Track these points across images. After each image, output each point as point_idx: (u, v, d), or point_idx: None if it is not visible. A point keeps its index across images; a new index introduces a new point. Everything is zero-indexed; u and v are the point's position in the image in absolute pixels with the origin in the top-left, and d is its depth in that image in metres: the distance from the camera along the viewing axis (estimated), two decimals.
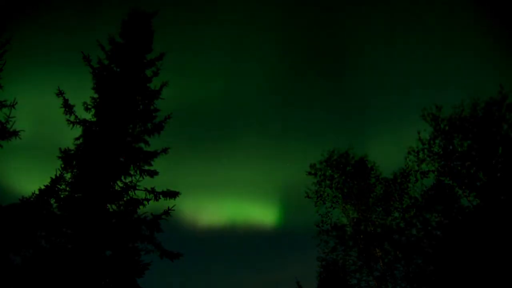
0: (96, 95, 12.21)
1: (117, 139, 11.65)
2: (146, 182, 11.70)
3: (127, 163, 11.61)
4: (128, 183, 11.43)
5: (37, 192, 8.90)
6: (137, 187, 11.40)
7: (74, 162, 10.88)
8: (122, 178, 11.45)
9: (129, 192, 11.31)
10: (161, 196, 11.47)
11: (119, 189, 11.26)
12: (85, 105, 12.01)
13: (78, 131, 11.63)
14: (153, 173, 11.87)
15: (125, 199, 11.22)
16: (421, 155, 16.44)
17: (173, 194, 11.53)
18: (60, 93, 11.29)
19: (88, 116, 11.92)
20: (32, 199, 8.71)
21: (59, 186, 9.59)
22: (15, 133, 8.89)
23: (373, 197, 19.18)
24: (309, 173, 19.98)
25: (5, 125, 8.73)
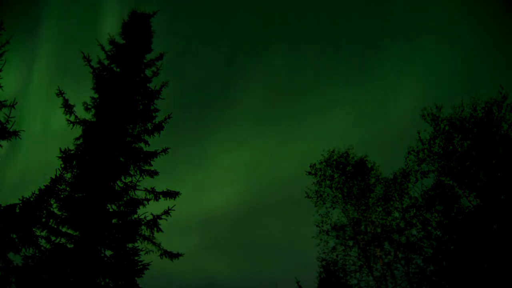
0: (96, 95, 12.22)
1: (117, 139, 11.65)
2: (146, 182, 11.71)
3: (127, 163, 11.61)
4: (128, 183, 11.43)
5: (37, 192, 8.89)
6: (137, 187, 11.41)
7: (74, 162, 10.88)
8: (122, 178, 11.46)
9: (129, 192, 11.32)
10: (161, 196, 11.48)
11: (119, 189, 11.26)
12: (85, 105, 12.02)
13: (78, 131, 11.65)
14: (153, 173, 11.88)
15: (125, 199, 11.22)
16: (421, 155, 16.44)
17: (173, 194, 11.53)
18: (60, 93, 11.29)
19: (88, 116, 11.94)
20: (32, 199, 8.70)
21: (59, 186, 9.58)
22: (15, 133, 8.87)
23: (373, 197, 19.18)
24: (309, 173, 19.97)
25: (5, 125, 8.71)
